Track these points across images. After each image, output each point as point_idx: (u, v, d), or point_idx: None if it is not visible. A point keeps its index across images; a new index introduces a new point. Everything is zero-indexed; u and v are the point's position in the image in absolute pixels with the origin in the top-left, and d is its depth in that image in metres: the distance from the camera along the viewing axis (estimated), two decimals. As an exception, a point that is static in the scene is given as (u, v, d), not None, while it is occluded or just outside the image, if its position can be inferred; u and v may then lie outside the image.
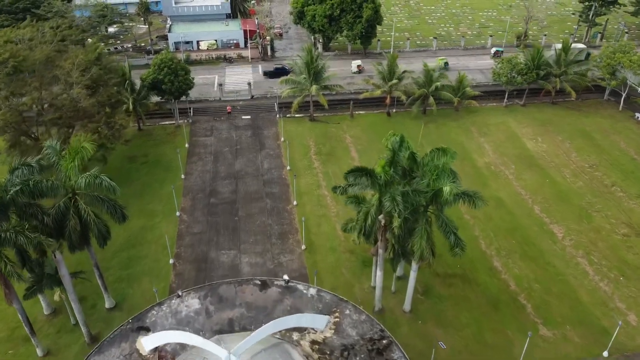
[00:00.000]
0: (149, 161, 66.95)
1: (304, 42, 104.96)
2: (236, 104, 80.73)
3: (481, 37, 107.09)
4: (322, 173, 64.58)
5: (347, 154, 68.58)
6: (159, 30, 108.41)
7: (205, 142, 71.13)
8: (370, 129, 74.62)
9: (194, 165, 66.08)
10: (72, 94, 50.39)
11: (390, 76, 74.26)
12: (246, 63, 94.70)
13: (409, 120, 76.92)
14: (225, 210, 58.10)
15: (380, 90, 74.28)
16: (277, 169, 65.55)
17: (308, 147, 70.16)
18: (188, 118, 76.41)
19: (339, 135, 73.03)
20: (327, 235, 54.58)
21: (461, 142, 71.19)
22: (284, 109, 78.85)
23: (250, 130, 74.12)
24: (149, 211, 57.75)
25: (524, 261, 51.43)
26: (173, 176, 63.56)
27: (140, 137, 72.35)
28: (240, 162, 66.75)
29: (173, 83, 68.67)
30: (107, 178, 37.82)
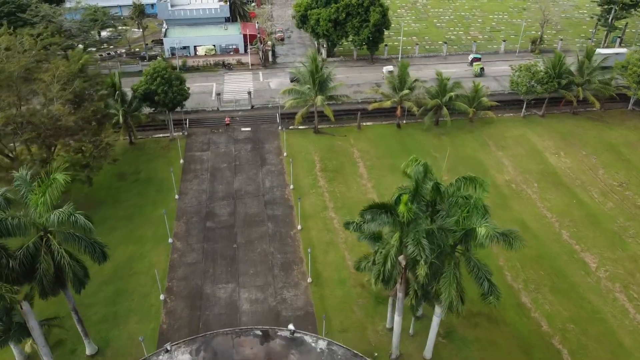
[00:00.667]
0: (140, 179, 61.66)
1: (307, 47, 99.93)
2: (235, 114, 75.47)
3: (493, 41, 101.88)
4: (329, 192, 59.29)
5: (355, 171, 63.29)
6: (155, 35, 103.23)
7: (202, 158, 65.83)
8: (379, 142, 69.36)
9: (189, 183, 60.77)
10: (52, 111, 45.17)
11: (401, 86, 68.99)
12: (246, 70, 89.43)
13: (420, 132, 71.64)
14: (222, 236, 52.79)
15: (390, 100, 69.00)
16: (279, 187, 60.24)
17: (313, 162, 64.88)
18: (183, 130, 71.15)
19: (346, 149, 67.75)
20: (335, 265, 49.27)
21: (478, 157, 65.90)
22: (287, 120, 73.63)
23: (250, 144, 68.85)
24: (138, 237, 52.46)
25: (555, 296, 46.12)
26: (166, 197, 58.31)
27: (132, 152, 67.08)
28: (239, 180, 61.47)
29: (167, 94, 63.44)
30: (82, 216, 32.50)
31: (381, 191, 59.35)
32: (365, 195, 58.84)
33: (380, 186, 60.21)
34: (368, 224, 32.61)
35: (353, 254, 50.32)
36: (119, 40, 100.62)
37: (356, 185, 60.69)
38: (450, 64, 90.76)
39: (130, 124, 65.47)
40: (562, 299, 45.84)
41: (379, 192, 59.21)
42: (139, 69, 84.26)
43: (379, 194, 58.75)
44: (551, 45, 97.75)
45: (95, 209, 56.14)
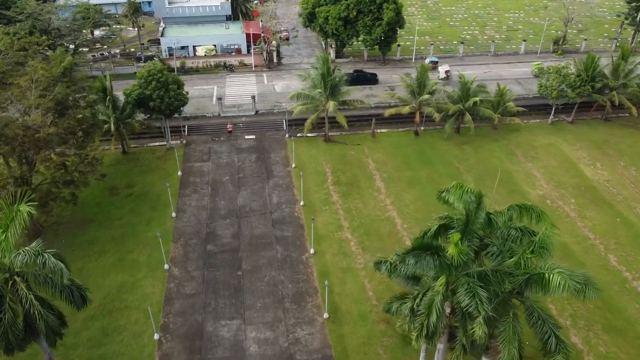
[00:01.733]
0: (133, 194, 55.51)
1: (313, 47, 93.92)
2: (238, 120, 69.34)
3: (511, 41, 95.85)
4: (343, 210, 53.15)
5: (371, 184, 57.17)
6: (152, 34, 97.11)
7: (202, 169, 59.68)
8: (396, 152, 63.24)
9: (188, 199, 54.62)
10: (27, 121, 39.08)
11: (420, 90, 62.88)
12: (249, 71, 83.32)
13: (440, 140, 65.54)
14: (225, 261, 46.67)
15: (409, 106, 62.86)
16: (288, 204, 54.10)
17: (324, 174, 58.75)
18: (181, 138, 65.01)
19: (359, 160, 61.63)
20: (355, 297, 43.17)
21: (506, 168, 59.79)
22: (294, 127, 67.54)
23: (254, 154, 62.69)
24: (130, 262, 46.35)
25: (610, 335, 40.05)
26: (162, 214, 52.19)
27: (125, 163, 60.92)
28: (243, 195, 55.32)
29: (163, 99, 57.28)
30: (52, 257, 26.31)
31: (401, 208, 53.31)
32: (384, 212, 52.76)
33: (400, 202, 54.13)
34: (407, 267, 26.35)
35: (373, 282, 44.35)
36: (113, 40, 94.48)
37: (373, 201, 54.57)
38: (467, 65, 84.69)
39: (123, 132, 59.36)
40: (618, 338, 39.76)
41: (399, 209, 53.14)
42: (134, 70, 78.11)
43: (400, 212, 52.73)
44: (574, 46, 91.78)
45: (82, 228, 50.17)
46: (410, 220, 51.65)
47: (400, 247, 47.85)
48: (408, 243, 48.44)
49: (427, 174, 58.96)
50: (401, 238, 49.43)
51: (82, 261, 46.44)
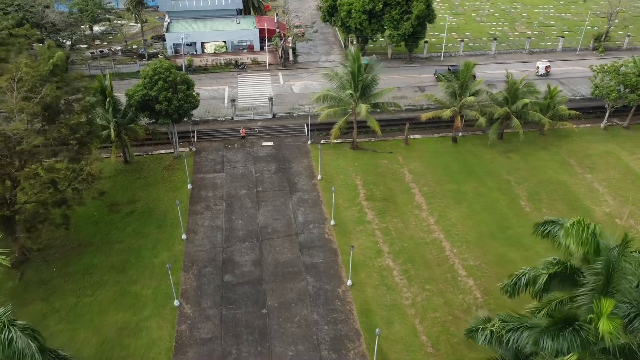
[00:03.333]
0: (137, 211, 48.06)
1: (331, 44, 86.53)
2: (253, 125, 61.87)
3: (545, 38, 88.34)
4: (381, 230, 45.68)
5: (409, 199, 49.67)
6: (156, 30, 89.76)
7: (214, 181, 52.20)
8: (434, 161, 55.73)
9: (199, 217, 47.16)
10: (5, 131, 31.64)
11: (462, 90, 55.37)
12: (263, 70, 75.88)
13: (482, 148, 58.02)
14: (246, 295, 39.18)
15: (450, 109, 55.32)
16: (317, 223, 46.61)
17: (355, 188, 51.27)
18: (190, 145, 57.56)
19: (394, 170, 54.13)
20: (406, 343, 35.66)
21: (563, 181, 52.28)
22: (317, 132, 60.09)
23: (274, 163, 55.19)
24: (133, 297, 38.90)
25: None
26: (170, 236, 44.76)
27: (127, 174, 53.46)
28: (264, 212, 47.84)
29: (170, 102, 49.79)
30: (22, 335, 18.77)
31: (448, 229, 45.84)
32: (428, 234, 45.28)
33: (446, 221, 46.66)
34: (530, 344, 18.71)
35: (426, 323, 36.93)
36: (114, 37, 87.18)
37: (414, 219, 47.08)
38: (500, 63, 77.12)
39: (125, 139, 51.93)
40: None
41: (445, 230, 45.67)
42: (137, 69, 70.74)
43: (447, 233, 45.25)
44: (615, 43, 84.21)
45: (77, 254, 42.82)
46: (460, 243, 44.17)
47: (452, 277, 40.62)
48: (461, 272, 41.10)
49: (473, 187, 51.46)
50: (452, 266, 41.94)
51: (75, 295, 39.01)
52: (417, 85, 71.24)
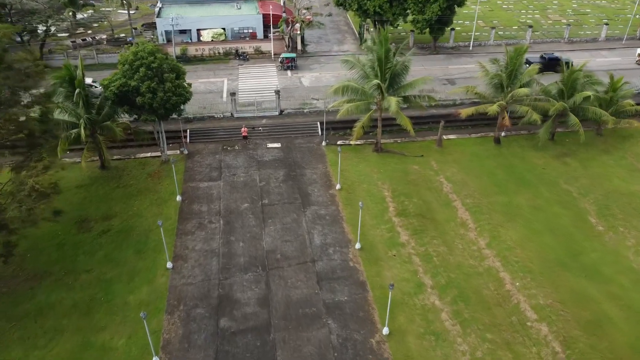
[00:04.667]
0: (112, 229, 38.44)
1: (343, 33, 76.89)
2: (257, 123, 52.21)
3: (583, 26, 78.69)
4: (420, 255, 36.00)
5: (451, 215, 40.00)
6: (147, 18, 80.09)
7: (210, 192, 42.56)
8: (475, 167, 46.09)
9: (190, 239, 37.49)
10: None
11: (511, 81, 45.70)
12: (267, 60, 66.23)
13: (531, 151, 48.38)
14: (250, 350, 29.49)
15: (496, 104, 45.53)
16: (338, 246, 36.94)
17: (382, 200, 41.61)
18: (182, 148, 47.94)
19: (428, 178, 44.47)
20: (468, 420, 26.00)
21: (636, 192, 42.60)
22: (332, 132, 50.52)
23: (282, 169, 45.55)
24: (99, 351, 29.27)
25: None
26: (151, 264, 35.14)
27: (103, 182, 43.81)
28: (271, 232, 38.17)
29: (155, 94, 40.12)
30: None
31: (504, 254, 36.17)
32: (480, 261, 35.62)
33: (500, 244, 36.99)
34: None
35: (492, 389, 27.15)
36: (101, 24, 77.69)
37: (460, 241, 37.42)
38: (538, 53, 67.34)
39: (99, 140, 42.31)
40: None
41: (501, 255, 36.00)
42: (122, 59, 60.97)
43: (504, 260, 35.59)
44: (663, 31, 74.52)
45: (29, 288, 33.26)
46: (523, 274, 34.49)
47: (519, 321, 30.95)
48: (530, 314, 31.56)
49: (527, 199, 41.81)
50: (517, 305, 32.27)
51: (22, 348, 29.42)
52: (445, 78, 61.52)
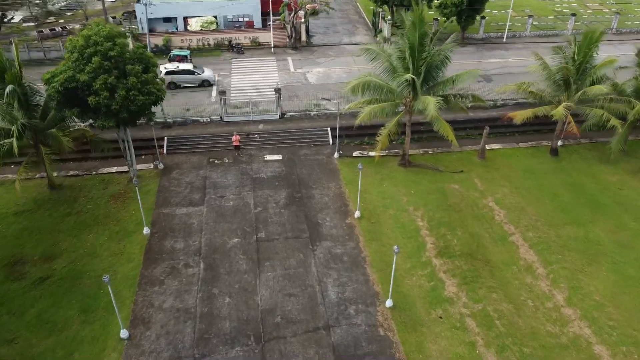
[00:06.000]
0: (53, 276, 28.28)
1: (354, 23, 66.93)
2: (252, 128, 41.99)
3: (628, 15, 68.60)
4: (476, 317, 25.75)
5: (511, 255, 29.77)
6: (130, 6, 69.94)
7: (188, 221, 32.33)
8: (531, 186, 35.86)
9: (157, 291, 27.26)
10: None
11: (580, 76, 35.40)
12: (266, 53, 56.06)
13: (598, 164, 38.22)
14: None
15: (562, 106, 35.11)
16: (361, 303, 26.66)
17: (417, 232, 31.37)
18: (156, 161, 37.73)
19: (472, 202, 34.22)
20: None
21: None
22: (346, 140, 40.37)
23: (284, 190, 35.33)
24: None
25: None
26: (100, 331, 24.99)
27: (51, 208, 33.64)
28: (269, 281, 27.93)
29: (114, 92, 29.89)
30: None
31: (591, 314, 26.02)
32: (562, 327, 25.37)
33: (585, 300, 26.77)
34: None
35: None
36: (75, 12, 67.85)
37: (529, 295, 27.18)
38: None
39: (42, 152, 32.05)
40: None
41: (589, 318, 25.79)
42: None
43: (594, 326, 25.37)
44: None
45: None
46: (626, 347, 24.24)
47: None
48: (652, 419, 20.97)
49: (608, 231, 31.61)
50: (628, 401, 21.99)
51: None
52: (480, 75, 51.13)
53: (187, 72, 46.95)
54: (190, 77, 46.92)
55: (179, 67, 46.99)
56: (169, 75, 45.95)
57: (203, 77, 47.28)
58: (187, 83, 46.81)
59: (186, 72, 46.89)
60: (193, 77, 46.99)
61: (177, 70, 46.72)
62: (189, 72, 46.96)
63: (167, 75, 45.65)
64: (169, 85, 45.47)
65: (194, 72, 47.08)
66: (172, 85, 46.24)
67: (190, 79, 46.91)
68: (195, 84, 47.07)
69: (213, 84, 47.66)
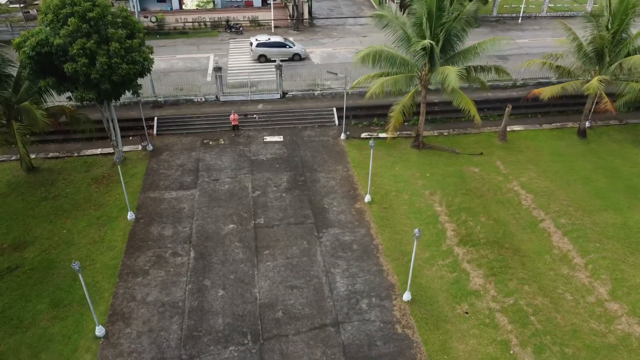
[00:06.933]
0: (23, 267, 24.84)
1: (359, 5, 63.54)
2: (251, 108, 38.48)
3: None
4: (508, 313, 22.24)
5: (543, 243, 26.26)
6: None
7: (178, 206, 28.85)
8: (560, 169, 32.38)
9: (140, 282, 23.78)
10: None
11: (615, 47, 31.89)
12: (266, 34, 52.48)
13: (631, 147, 34.80)
14: None
15: (596, 79, 31.53)
16: (375, 296, 23.15)
17: (434, 219, 27.88)
18: (144, 142, 34.27)
19: (495, 185, 30.73)
20: None
21: None
22: (353, 121, 36.92)
23: (285, 173, 31.85)
24: None
25: None
26: (74, 328, 21.51)
27: (26, 191, 30.22)
28: (268, 271, 24.44)
29: (94, 58, 26.42)
30: None
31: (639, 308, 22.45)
32: (608, 324, 21.88)
33: (632, 293, 23.31)
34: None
35: None
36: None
37: (567, 288, 23.66)
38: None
39: (16, 129, 28.54)
40: None
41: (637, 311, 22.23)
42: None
43: (647, 322, 21.74)
44: None
45: None
46: (686, 349, 20.73)
47: None
48: None
49: None
50: (695, 412, 18.45)
51: None
52: (495, 55, 47.61)
53: (279, 45, 44.66)
54: (281, 49, 44.66)
55: (270, 40, 44.73)
56: (261, 48, 44.18)
57: (294, 51, 45.07)
58: (278, 56, 43.83)
59: (278, 45, 44.66)
60: (285, 50, 44.75)
61: (268, 42, 44.47)
62: (281, 45, 44.81)
63: (258, 47, 44.05)
64: (259, 58, 44.02)
65: (285, 45, 44.91)
66: (263, 58, 44.27)
67: (281, 52, 44.53)
68: (286, 58, 44.47)
69: (304, 58, 45.38)
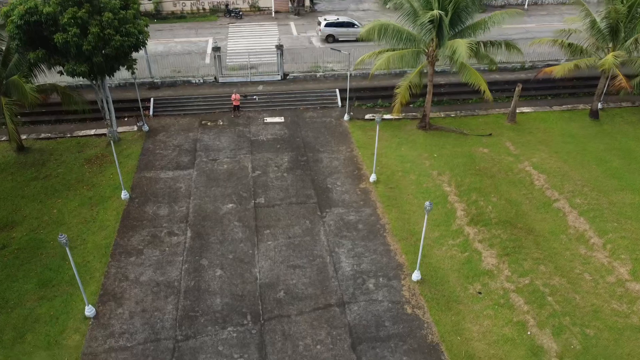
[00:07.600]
0: (10, 246, 23.54)
1: (361, -8, 61.80)
2: (251, 89, 37.16)
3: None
4: (523, 293, 20.94)
5: (558, 223, 24.97)
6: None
7: (174, 185, 27.56)
8: (573, 150, 31.13)
9: (133, 262, 22.47)
10: None
11: (630, 22, 30.59)
12: (266, 19, 51.28)
13: (645, 128, 33.48)
14: None
15: (611, 55, 30.25)
16: (382, 276, 21.86)
17: (444, 198, 26.58)
18: (139, 122, 32.96)
19: (506, 166, 29.44)
20: None
21: None
22: (356, 102, 35.65)
23: (287, 153, 30.55)
24: None
25: None
26: (62, 308, 20.23)
27: (16, 171, 28.94)
28: (269, 251, 23.15)
29: (85, 29, 25.13)
30: None
31: (666, 290, 21.10)
32: (630, 305, 20.61)
33: (653, 272, 21.98)
34: None
35: None
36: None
37: (585, 268, 22.38)
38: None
39: (3, 105, 27.24)
40: None
41: (664, 293, 20.97)
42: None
43: (673, 303, 20.43)
44: None
45: None
46: None
47: None
48: None
49: (670, 199, 26.76)
50: None
51: None
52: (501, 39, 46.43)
53: (348, 25, 43.99)
54: (350, 29, 43.83)
55: (338, 19, 44.03)
56: (329, 28, 43.51)
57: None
58: (346, 36, 43.63)
59: (346, 25, 43.95)
60: (353, 29, 43.65)
61: (337, 22, 43.97)
62: (350, 25, 44.00)
63: (326, 27, 43.41)
64: (327, 38, 43.51)
65: (354, 25, 43.95)
66: (330, 38, 43.68)
67: (350, 32, 43.75)
68: (354, 38, 43.15)
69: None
